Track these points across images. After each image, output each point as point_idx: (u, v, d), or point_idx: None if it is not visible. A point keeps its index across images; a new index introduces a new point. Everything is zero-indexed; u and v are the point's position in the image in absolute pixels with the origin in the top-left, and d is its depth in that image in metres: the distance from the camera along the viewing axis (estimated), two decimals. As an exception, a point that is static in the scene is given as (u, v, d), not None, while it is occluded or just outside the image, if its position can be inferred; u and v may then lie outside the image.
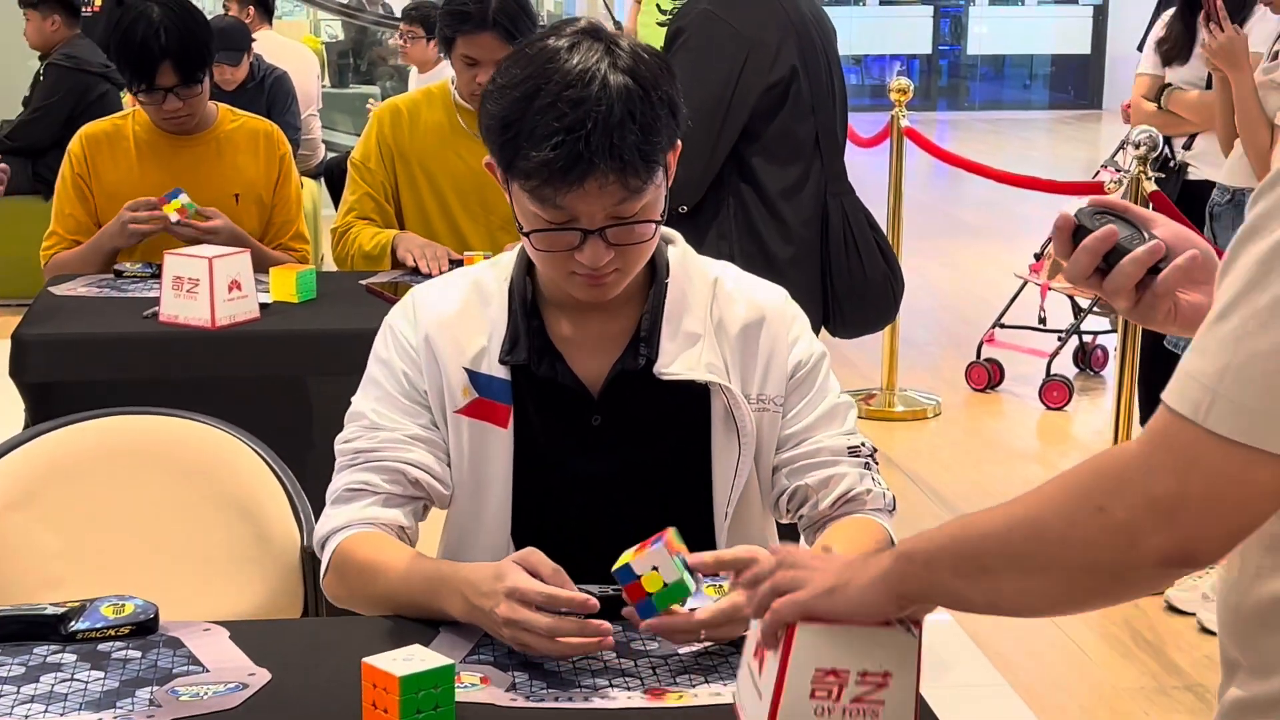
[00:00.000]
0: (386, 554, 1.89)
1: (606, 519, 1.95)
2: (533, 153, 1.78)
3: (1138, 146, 4.34)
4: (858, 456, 2.00)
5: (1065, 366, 6.25)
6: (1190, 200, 4.44)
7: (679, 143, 1.89)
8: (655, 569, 1.71)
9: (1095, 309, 6.20)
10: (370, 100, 8.08)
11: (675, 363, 1.93)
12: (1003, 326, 6.39)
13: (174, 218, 3.53)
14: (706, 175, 3.39)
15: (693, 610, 1.74)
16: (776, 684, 1.41)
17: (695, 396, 1.95)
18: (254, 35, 6.86)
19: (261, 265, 3.48)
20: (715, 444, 1.96)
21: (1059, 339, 6.18)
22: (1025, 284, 6.33)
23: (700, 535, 1.91)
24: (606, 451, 1.96)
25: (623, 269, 1.88)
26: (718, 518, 1.98)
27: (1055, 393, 6.05)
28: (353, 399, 2.01)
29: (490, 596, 1.73)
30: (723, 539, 1.97)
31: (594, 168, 1.78)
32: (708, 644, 1.77)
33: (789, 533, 2.13)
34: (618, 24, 9.88)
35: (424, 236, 3.65)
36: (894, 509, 2.02)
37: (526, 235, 1.87)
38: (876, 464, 2.03)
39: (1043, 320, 6.34)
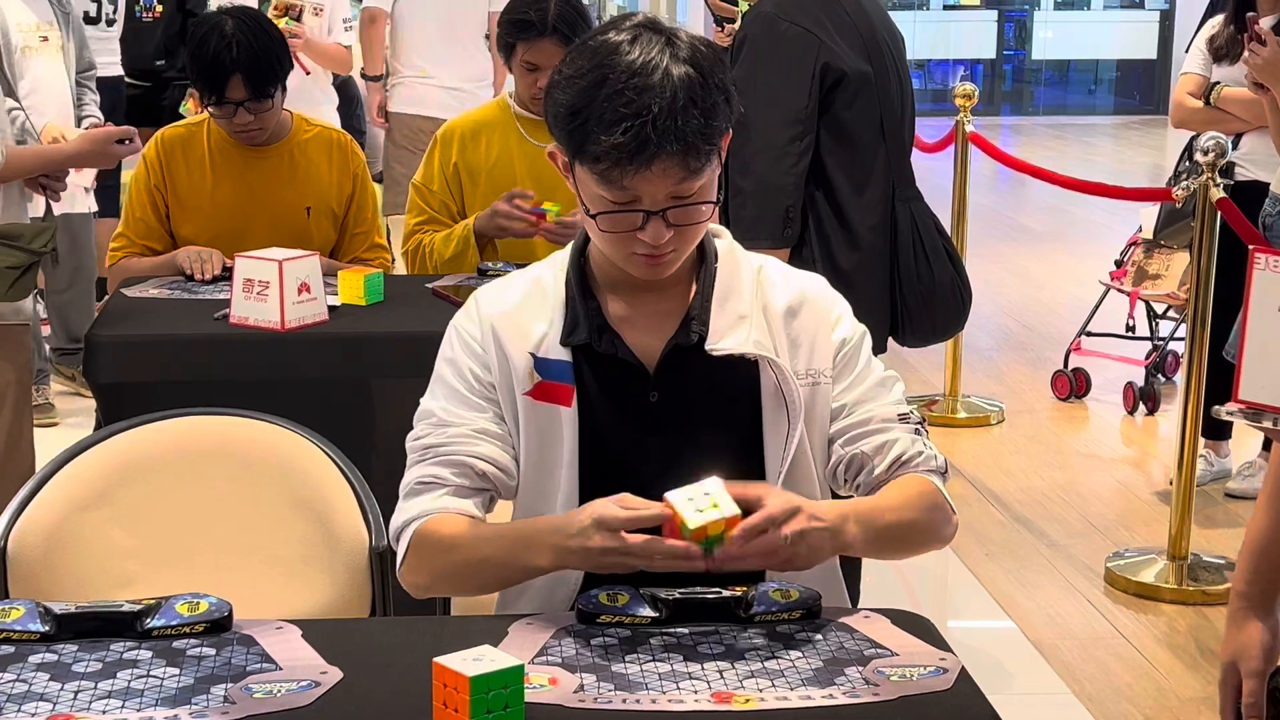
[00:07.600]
0: (467, 527, 1.98)
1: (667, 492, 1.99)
2: (602, 136, 1.88)
3: (1205, 154, 4.28)
4: (907, 423, 2.08)
5: (1138, 373, 6.16)
6: (1238, 201, 4.38)
7: (730, 129, 1.97)
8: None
9: (1169, 314, 6.14)
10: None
11: (725, 339, 2.02)
12: (1089, 334, 6.26)
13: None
14: (801, 177, 3.32)
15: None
16: None
17: (745, 372, 2.03)
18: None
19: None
20: (766, 417, 2.04)
21: (1154, 345, 6.10)
22: (1108, 291, 6.16)
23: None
24: (664, 426, 2.03)
25: (679, 248, 1.98)
26: None
27: (1151, 402, 5.99)
28: (421, 400, 2.07)
29: (581, 535, 1.84)
30: None
31: (660, 150, 1.87)
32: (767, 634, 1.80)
33: None
34: (719, 22, 9.70)
35: (496, 247, 3.68)
36: (946, 471, 2.08)
37: (593, 217, 1.96)
38: (925, 431, 2.11)
39: (1131, 328, 6.26)
